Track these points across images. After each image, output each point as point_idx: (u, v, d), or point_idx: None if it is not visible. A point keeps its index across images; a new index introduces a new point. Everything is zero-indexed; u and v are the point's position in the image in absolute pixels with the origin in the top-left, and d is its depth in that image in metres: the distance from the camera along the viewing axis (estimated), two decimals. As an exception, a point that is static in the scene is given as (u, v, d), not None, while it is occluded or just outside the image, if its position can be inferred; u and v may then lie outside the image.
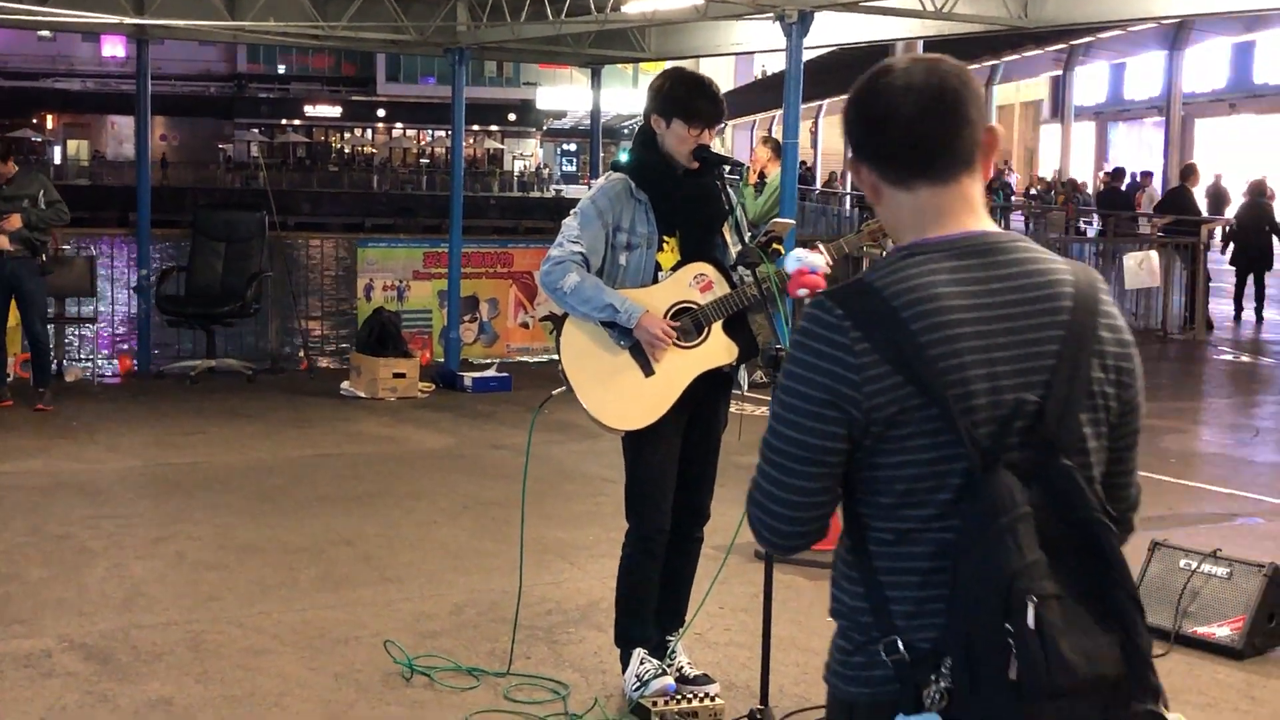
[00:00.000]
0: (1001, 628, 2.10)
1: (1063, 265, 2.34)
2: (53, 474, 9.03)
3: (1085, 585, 2.16)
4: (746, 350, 5.15)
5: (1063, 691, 2.10)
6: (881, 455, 2.25)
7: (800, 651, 5.95)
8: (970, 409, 2.21)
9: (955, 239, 2.31)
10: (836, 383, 2.23)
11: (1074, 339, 2.28)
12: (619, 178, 5.14)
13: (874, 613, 2.29)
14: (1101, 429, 2.34)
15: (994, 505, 2.16)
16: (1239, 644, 5.96)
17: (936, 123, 2.30)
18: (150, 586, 6.70)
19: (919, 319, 2.22)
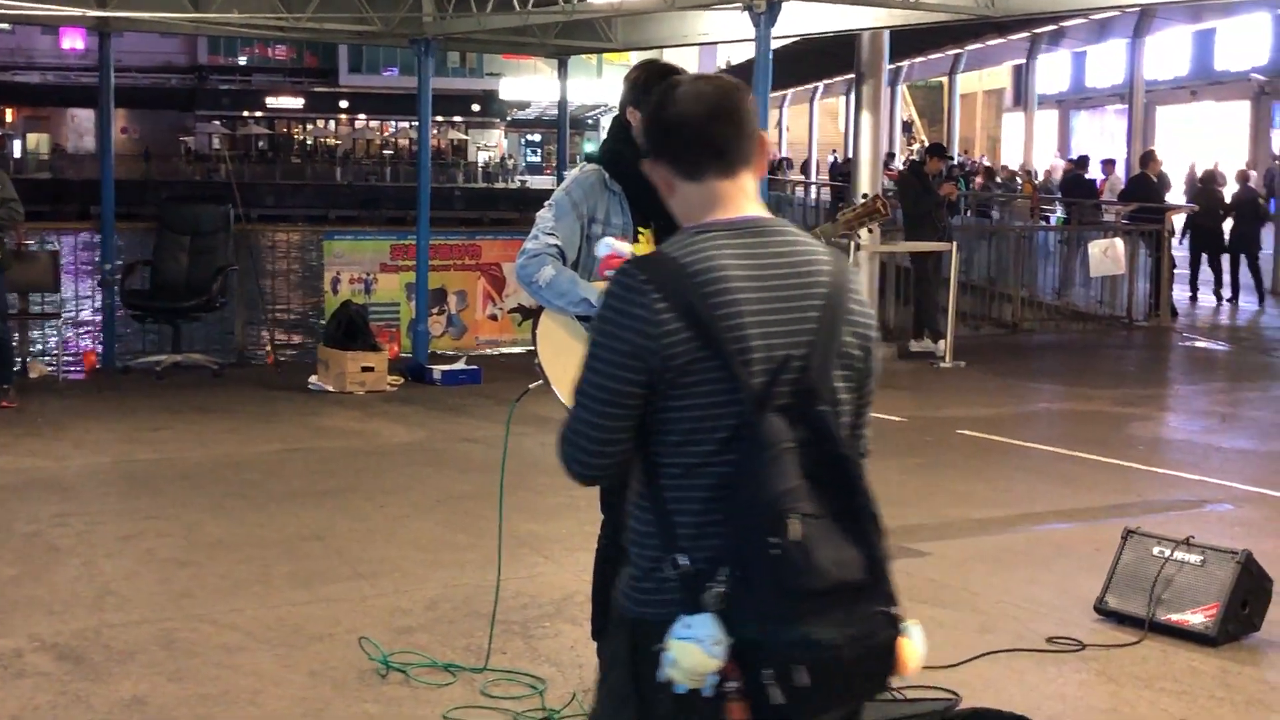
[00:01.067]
0: (768, 541, 2.51)
1: (820, 248, 2.81)
2: (19, 471, 8.94)
3: (837, 508, 2.58)
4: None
5: (817, 592, 2.52)
6: (672, 399, 2.65)
7: (776, 643, 5.94)
8: (747, 361, 2.63)
9: (736, 221, 2.75)
10: (638, 336, 2.63)
11: (831, 309, 2.73)
12: (593, 169, 5.11)
13: (661, 537, 2.67)
14: (851, 384, 2.79)
15: (764, 441, 2.57)
16: (1213, 631, 5.98)
17: (722, 126, 2.76)
18: (121, 584, 6.65)
19: (708, 284, 2.64)
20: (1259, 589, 6.15)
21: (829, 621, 2.54)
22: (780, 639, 2.52)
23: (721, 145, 2.76)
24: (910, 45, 29.15)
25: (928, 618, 6.29)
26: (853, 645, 2.57)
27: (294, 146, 72.35)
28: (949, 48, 33.60)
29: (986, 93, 57.06)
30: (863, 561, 2.58)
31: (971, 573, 7.06)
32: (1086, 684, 5.61)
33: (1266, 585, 6.18)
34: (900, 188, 16.09)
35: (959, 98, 45.37)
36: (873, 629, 2.60)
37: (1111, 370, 14.47)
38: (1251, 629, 6.11)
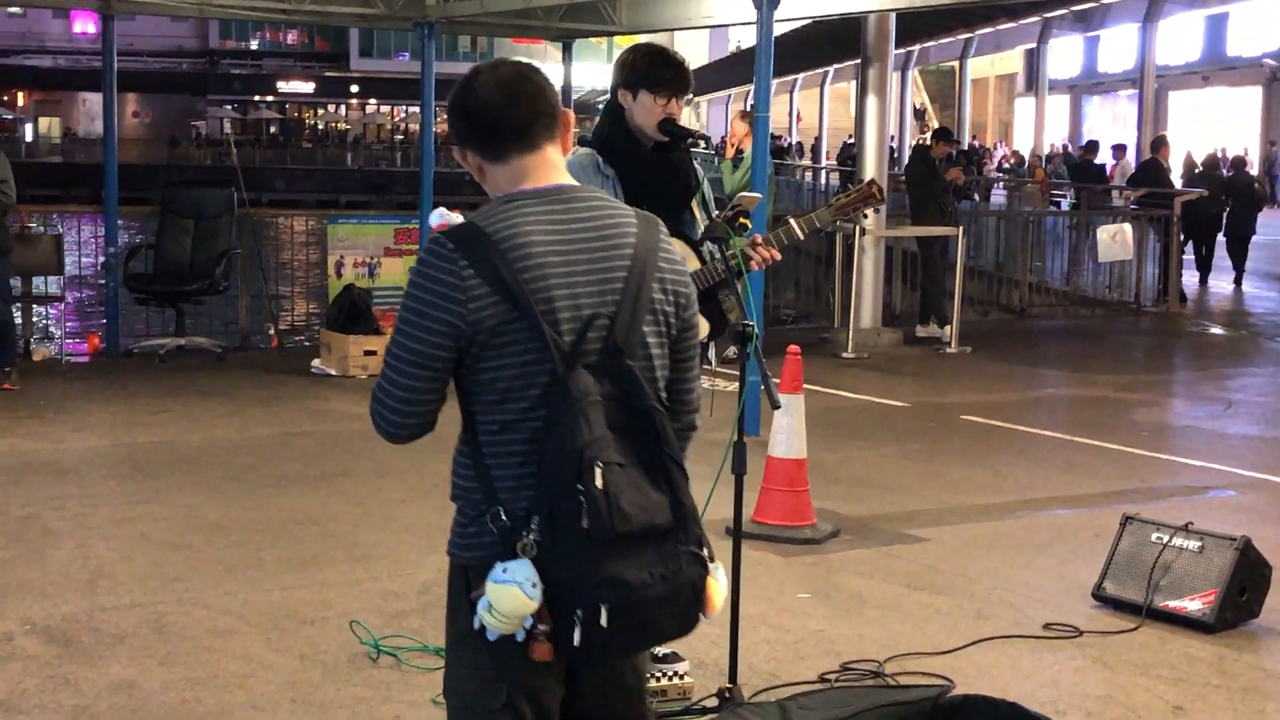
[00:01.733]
0: (575, 488, 2.65)
1: (628, 211, 2.97)
2: (18, 454, 8.93)
3: (643, 456, 2.74)
4: (716, 327, 5.08)
5: (622, 535, 2.66)
6: (485, 360, 2.79)
7: (771, 629, 5.91)
8: (555, 321, 2.78)
9: (542, 189, 2.90)
10: (447, 302, 2.76)
11: (639, 267, 2.88)
12: (586, 152, 5.07)
13: (483, 490, 2.83)
14: (663, 339, 2.94)
15: (571, 395, 2.72)
16: (1211, 618, 5.93)
17: (519, 108, 2.91)
18: (114, 567, 6.62)
19: (513, 250, 2.78)
20: (1258, 575, 6.09)
21: (636, 563, 2.69)
22: (589, 581, 2.67)
23: (521, 125, 2.91)
24: (920, 29, 29.02)
25: (923, 604, 6.29)
26: (660, 585, 2.72)
27: (305, 131, 72.47)
28: (960, 32, 33.40)
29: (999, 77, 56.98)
30: (668, 506, 2.75)
31: (969, 559, 7.01)
32: (1082, 670, 5.56)
33: (1265, 572, 6.13)
34: (907, 173, 16.02)
35: (971, 82, 45.19)
36: (679, 569, 2.75)
37: (1118, 356, 14.40)
38: (1250, 616, 6.06)
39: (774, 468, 7.36)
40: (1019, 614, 6.17)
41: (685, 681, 5.10)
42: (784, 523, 7.30)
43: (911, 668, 5.48)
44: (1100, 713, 5.12)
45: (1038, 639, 5.87)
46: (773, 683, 5.26)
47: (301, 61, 72.72)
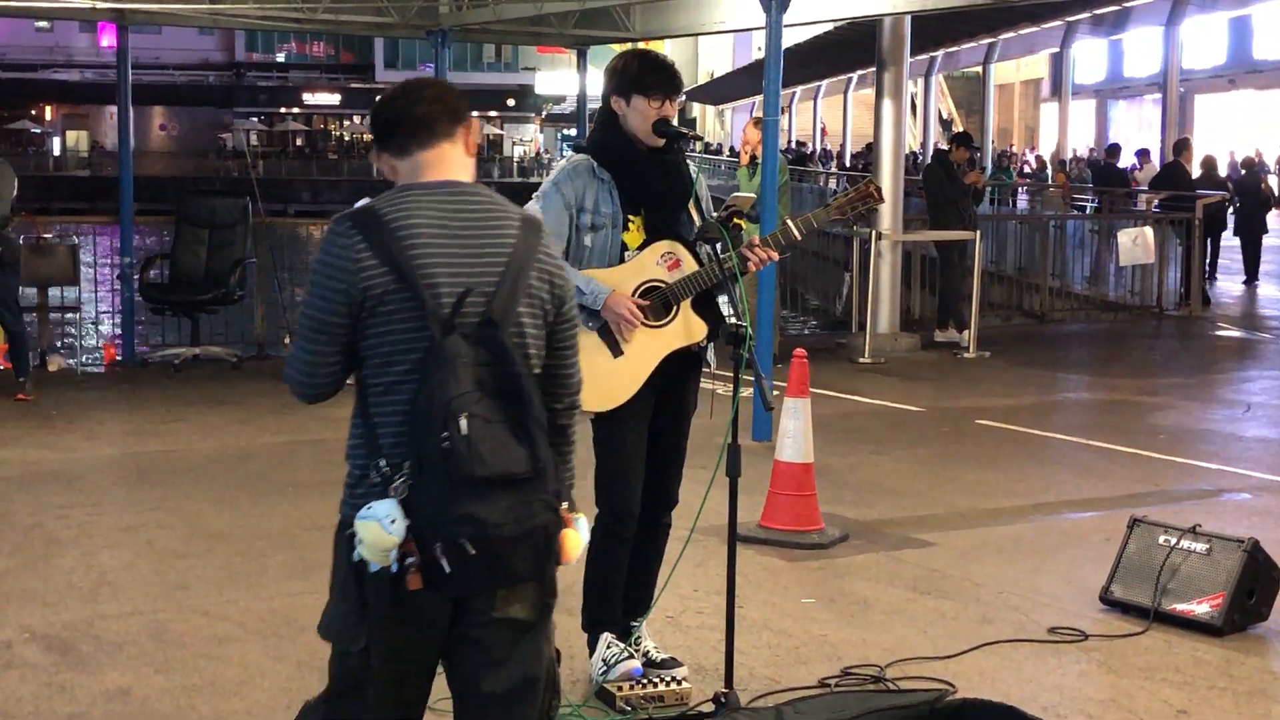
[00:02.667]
0: (440, 436, 2.98)
1: (514, 208, 3.33)
2: (28, 463, 8.95)
3: (508, 415, 3.06)
4: (716, 328, 5.05)
5: (481, 480, 2.98)
6: (373, 326, 3.14)
7: (773, 633, 5.87)
8: (436, 293, 3.12)
9: (435, 183, 3.27)
10: (342, 273, 3.13)
11: (519, 256, 3.23)
12: (581, 158, 5.06)
13: (368, 446, 3.18)
14: (539, 322, 3.27)
15: (444, 356, 3.04)
16: (1218, 621, 5.87)
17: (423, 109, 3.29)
18: (117, 575, 6.63)
19: (401, 230, 3.15)
20: (1267, 578, 6.03)
21: (493, 505, 3.00)
22: (449, 517, 3.00)
23: (420, 122, 3.29)
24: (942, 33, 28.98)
25: (929, 608, 6.24)
26: (513, 526, 3.03)
27: (330, 142, 72.63)
28: (982, 36, 33.31)
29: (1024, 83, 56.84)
30: (527, 458, 3.06)
31: (976, 563, 6.96)
32: (1086, 675, 5.51)
33: (1274, 574, 6.06)
34: (926, 177, 15.97)
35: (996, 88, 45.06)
36: (533, 514, 3.06)
37: (1138, 360, 14.31)
38: (1258, 619, 6.00)
39: (781, 472, 7.33)
40: (1024, 618, 6.13)
41: (683, 687, 5.06)
42: (791, 527, 7.26)
43: (914, 672, 5.44)
44: (1102, 716, 5.08)
45: (1042, 643, 5.82)
46: (772, 687, 5.22)
47: (327, 73, 72.99)
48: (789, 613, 6.16)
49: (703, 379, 5.31)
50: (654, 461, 5.14)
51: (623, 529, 5.10)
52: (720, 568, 5.22)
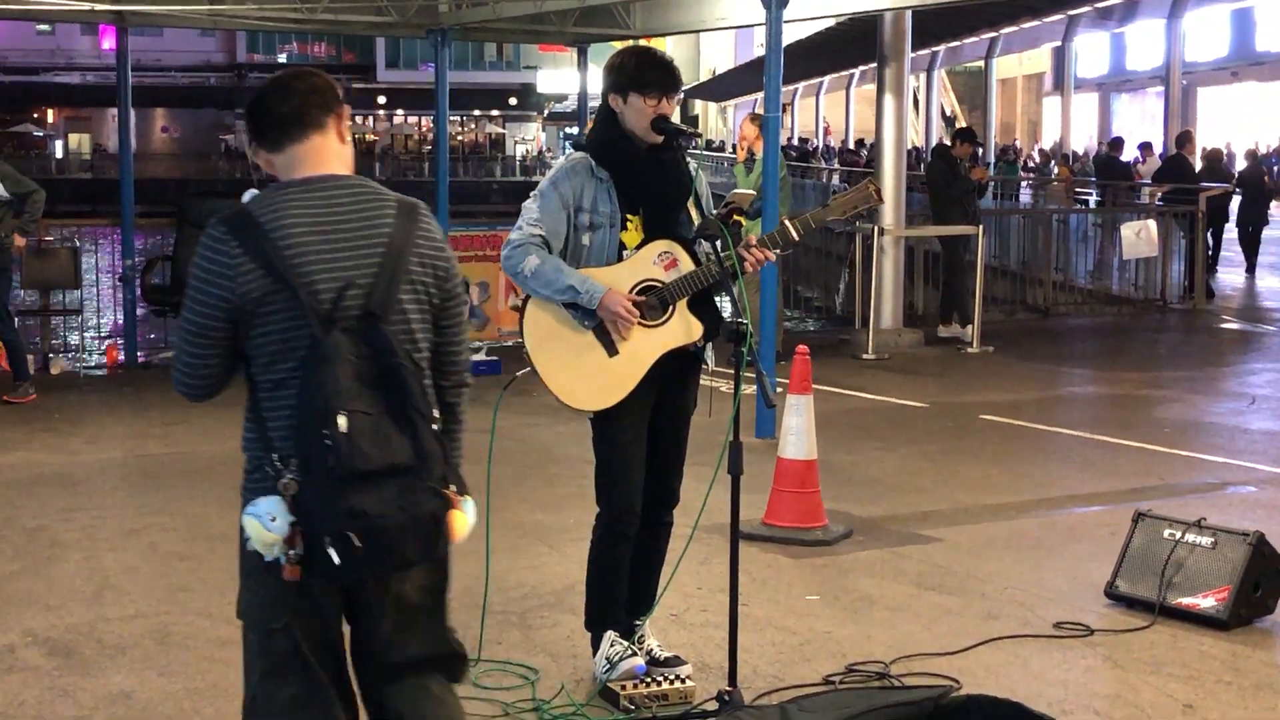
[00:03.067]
0: (321, 433, 3.06)
1: (391, 196, 3.39)
2: (31, 466, 8.95)
3: (389, 406, 3.14)
4: (712, 328, 5.03)
5: (363, 473, 3.07)
6: (256, 328, 3.21)
7: (778, 631, 5.86)
8: (315, 292, 3.18)
9: (310, 178, 3.32)
10: (220, 279, 3.19)
11: (396, 244, 3.30)
12: (580, 156, 5.05)
13: (261, 441, 3.26)
14: (423, 306, 3.36)
15: (324, 353, 3.13)
16: (1224, 615, 5.86)
17: (291, 104, 3.35)
18: (120, 579, 6.62)
19: (276, 232, 3.19)
20: (1272, 571, 6.01)
21: (378, 497, 3.09)
22: (336, 511, 3.08)
23: (290, 116, 3.35)
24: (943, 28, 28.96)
25: (933, 604, 6.23)
26: (399, 514, 3.12)
27: (333, 142, 72.66)
28: (984, 31, 33.31)
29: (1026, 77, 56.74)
30: (410, 448, 3.14)
31: (981, 559, 6.95)
32: (1091, 670, 5.49)
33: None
34: (928, 172, 15.95)
35: (998, 82, 45.06)
36: (418, 501, 3.15)
37: (1142, 353, 14.29)
38: (1265, 612, 5.98)
39: (784, 469, 7.32)
40: (1030, 614, 6.11)
41: (687, 685, 5.05)
42: (795, 524, 7.25)
43: (918, 668, 5.43)
44: (1108, 711, 5.06)
45: (1048, 638, 5.81)
46: (776, 685, 5.21)
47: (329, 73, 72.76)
48: (793, 610, 6.15)
49: (704, 377, 5.30)
50: (654, 460, 5.13)
51: (624, 527, 5.10)
52: (723, 565, 5.21)
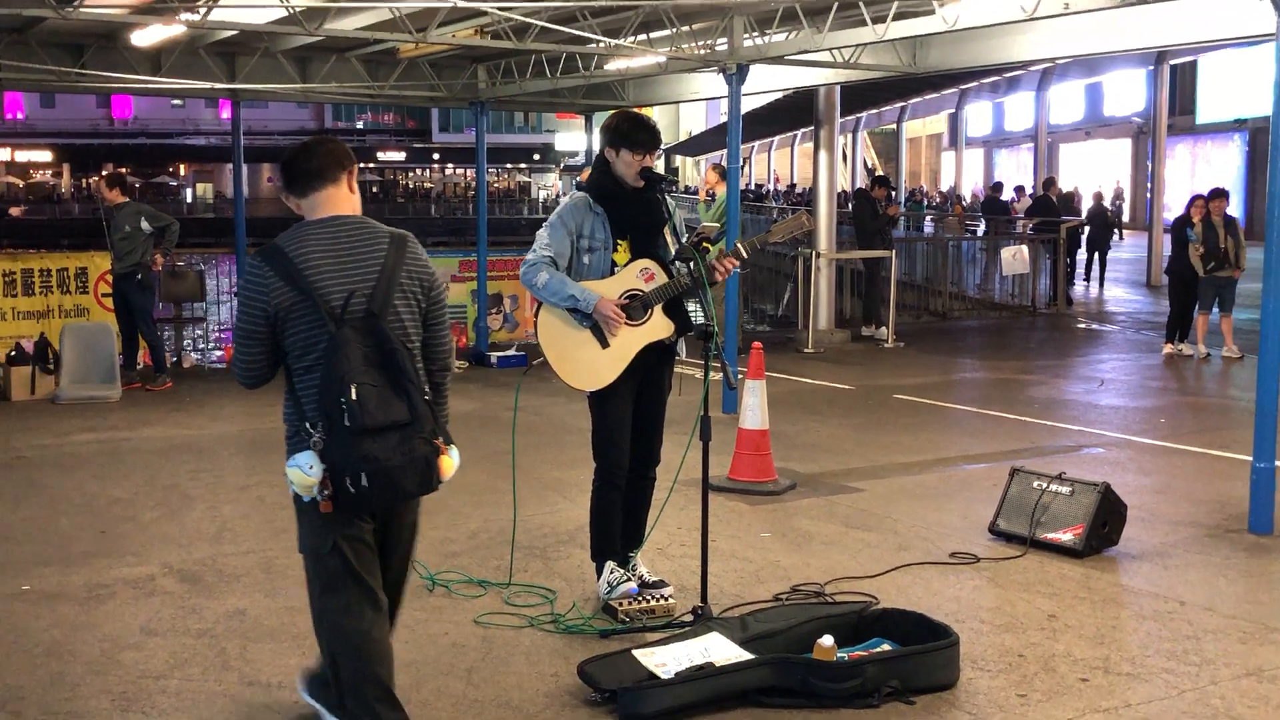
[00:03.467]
0: (339, 401, 3.32)
1: (385, 230, 3.59)
2: (166, 438, 8.92)
3: (389, 380, 3.38)
4: (682, 326, 5.03)
5: (372, 429, 3.32)
6: (288, 330, 3.45)
7: (739, 561, 5.85)
8: (328, 300, 3.42)
9: (324, 219, 3.55)
10: (259, 295, 3.45)
11: (389, 264, 3.51)
12: (581, 196, 5.04)
13: (297, 413, 3.48)
14: (414, 309, 3.56)
15: (339, 343, 3.36)
16: (1079, 546, 5.87)
17: (314, 160, 3.58)
18: (236, 524, 6.60)
19: (299, 258, 3.44)
20: (1116, 512, 6.02)
21: (384, 446, 3.35)
22: (353, 457, 3.34)
23: (314, 170, 3.57)
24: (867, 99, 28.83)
25: (858, 540, 6.22)
26: (400, 458, 3.37)
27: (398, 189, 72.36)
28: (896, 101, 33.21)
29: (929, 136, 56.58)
30: (406, 409, 3.38)
31: (894, 504, 6.94)
32: (979, 589, 5.49)
33: (1122, 510, 6.06)
34: (854, 210, 15.92)
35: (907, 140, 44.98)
36: (415, 448, 3.40)
37: (1017, 347, 14.27)
38: (1110, 544, 5.99)
39: (744, 437, 7.30)
40: (931, 546, 6.11)
41: (670, 603, 5.04)
42: (752, 479, 7.24)
43: (846, 589, 5.42)
44: (990, 620, 5.05)
45: (945, 565, 5.81)
46: (737, 602, 5.20)
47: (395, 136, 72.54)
48: (750, 544, 6.15)
49: (677, 366, 5.28)
50: (639, 430, 5.11)
51: (616, 479, 5.09)
52: (697, 511, 5.19)
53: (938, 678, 4.31)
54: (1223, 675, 4.48)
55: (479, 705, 4.21)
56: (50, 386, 10.67)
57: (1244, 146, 35.28)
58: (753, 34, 10.82)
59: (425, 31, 9.48)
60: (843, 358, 13.13)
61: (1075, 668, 4.53)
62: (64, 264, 12.14)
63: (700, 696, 4.12)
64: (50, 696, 4.30)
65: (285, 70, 12.79)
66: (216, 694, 4.33)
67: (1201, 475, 7.65)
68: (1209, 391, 11.20)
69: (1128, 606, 5.24)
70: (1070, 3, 8.06)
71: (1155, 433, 9.01)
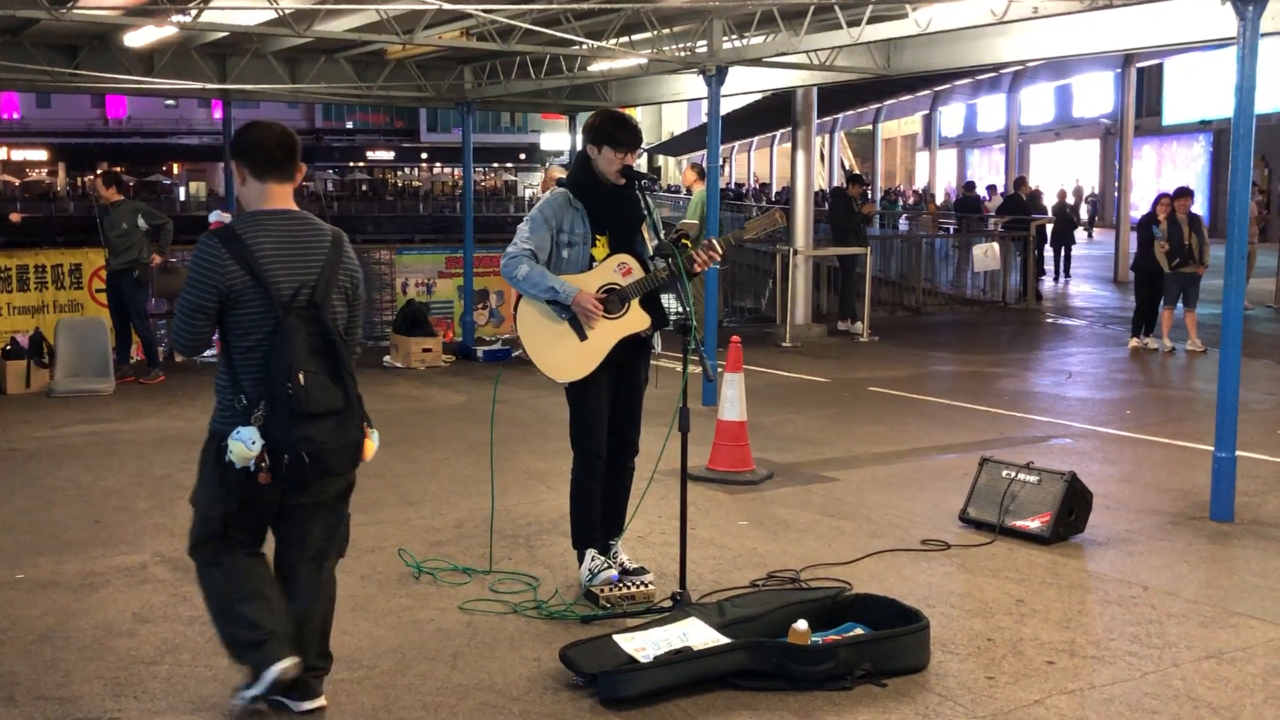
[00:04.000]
0: (286, 385, 3.57)
1: (327, 227, 3.84)
2: (159, 430, 8.88)
3: (328, 368, 3.66)
4: (658, 320, 5.03)
5: (313, 414, 3.60)
6: (237, 309, 3.66)
7: (717, 548, 5.85)
8: (278, 287, 3.65)
9: (276, 210, 3.77)
10: (212, 273, 3.64)
11: (331, 260, 3.77)
12: (562, 191, 5.03)
13: (233, 387, 3.70)
14: (345, 302, 3.83)
15: (286, 331, 3.61)
16: (1046, 533, 5.89)
17: (285, 151, 3.78)
18: (227, 513, 6.56)
19: (253, 244, 3.66)
20: (1083, 501, 6.05)
21: (321, 429, 3.64)
22: (294, 437, 3.62)
23: (281, 163, 3.77)
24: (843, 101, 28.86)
25: (832, 527, 6.22)
26: (335, 441, 3.67)
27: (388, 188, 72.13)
28: (872, 103, 33.23)
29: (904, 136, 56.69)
30: (343, 397, 3.67)
31: (868, 493, 6.95)
32: (949, 574, 5.50)
33: (1088, 498, 6.08)
34: (831, 208, 15.94)
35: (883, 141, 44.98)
36: (348, 433, 3.71)
37: (988, 341, 14.31)
38: (1076, 531, 6.01)
39: (723, 428, 7.31)
40: (903, 533, 6.12)
41: (649, 589, 5.04)
42: (730, 469, 7.24)
43: (821, 574, 5.43)
44: (961, 605, 5.07)
45: (917, 551, 5.82)
46: (715, 588, 5.21)
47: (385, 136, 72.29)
48: (728, 532, 6.15)
49: (657, 360, 5.28)
50: (616, 420, 5.10)
51: (594, 468, 5.08)
52: (676, 500, 5.21)
53: (909, 661, 4.32)
54: (1184, 657, 4.50)
55: (463, 689, 4.20)
56: (45, 380, 10.61)
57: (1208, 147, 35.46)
58: (732, 37, 10.83)
59: (412, 33, 9.45)
60: (819, 351, 13.15)
61: (1042, 651, 4.55)
62: (59, 260, 12.07)
63: (678, 680, 4.13)
64: (43, 682, 4.28)
65: (275, 71, 12.73)
66: (207, 679, 4.31)
67: (1165, 465, 7.69)
68: (1173, 384, 11.25)
69: (1093, 591, 5.27)
70: (1039, 6, 8.08)
71: (1121, 424, 9.05)
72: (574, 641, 4.38)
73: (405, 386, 10.87)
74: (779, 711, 4.02)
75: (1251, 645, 4.63)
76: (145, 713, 4.02)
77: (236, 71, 12.49)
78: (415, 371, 11.71)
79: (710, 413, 8.17)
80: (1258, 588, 5.32)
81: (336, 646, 4.60)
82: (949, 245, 20.06)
